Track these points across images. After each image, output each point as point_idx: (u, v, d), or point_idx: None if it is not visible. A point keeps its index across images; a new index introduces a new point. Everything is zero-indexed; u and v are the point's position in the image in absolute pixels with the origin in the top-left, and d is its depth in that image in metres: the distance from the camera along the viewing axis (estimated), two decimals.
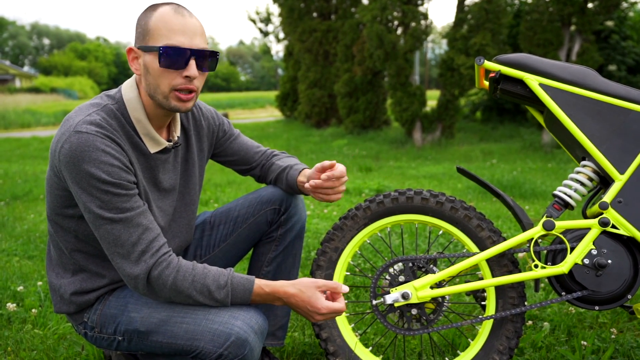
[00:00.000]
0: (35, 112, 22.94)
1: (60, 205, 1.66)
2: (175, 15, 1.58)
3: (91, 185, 1.51)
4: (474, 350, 1.98)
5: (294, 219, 2.04)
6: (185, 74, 1.58)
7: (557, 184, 6.32)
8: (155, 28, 1.57)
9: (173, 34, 1.56)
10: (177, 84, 1.60)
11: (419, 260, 1.97)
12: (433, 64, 49.20)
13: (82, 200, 1.54)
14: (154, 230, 1.59)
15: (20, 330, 2.46)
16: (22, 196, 6.11)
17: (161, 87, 1.60)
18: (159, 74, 1.58)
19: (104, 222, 1.54)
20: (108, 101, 1.64)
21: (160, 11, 1.58)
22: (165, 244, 1.61)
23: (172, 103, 1.62)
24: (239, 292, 1.60)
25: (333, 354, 2.01)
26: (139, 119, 1.65)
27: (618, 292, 1.84)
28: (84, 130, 1.51)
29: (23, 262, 3.57)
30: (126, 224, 1.54)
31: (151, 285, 1.57)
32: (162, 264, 1.56)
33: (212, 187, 6.39)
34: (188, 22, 1.59)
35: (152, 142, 1.69)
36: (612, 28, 12.31)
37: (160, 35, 1.56)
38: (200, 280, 1.58)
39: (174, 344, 1.62)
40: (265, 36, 32.56)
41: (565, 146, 2.02)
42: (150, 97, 1.64)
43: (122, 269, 1.57)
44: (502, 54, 7.03)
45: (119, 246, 1.55)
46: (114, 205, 1.53)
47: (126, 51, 1.65)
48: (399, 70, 11.00)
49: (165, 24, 1.57)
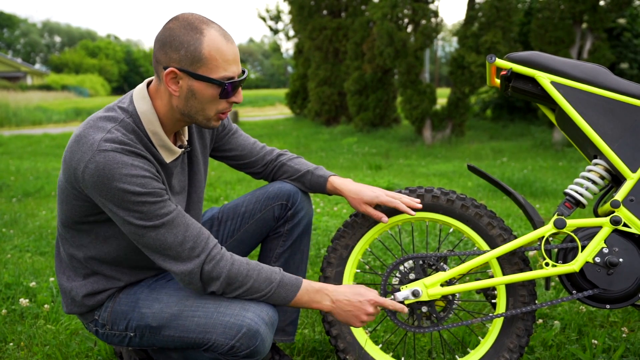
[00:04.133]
0: (47, 110, 23.08)
1: (80, 214, 1.65)
2: (227, 44, 1.58)
3: (126, 200, 1.51)
4: (484, 348, 1.98)
5: (300, 214, 2.05)
6: (234, 100, 1.64)
7: (568, 182, 6.29)
8: (210, 58, 1.55)
9: (228, 65, 1.58)
10: (223, 108, 1.65)
11: (430, 258, 1.97)
12: (443, 61, 49.03)
13: (120, 215, 1.54)
14: (195, 226, 1.61)
15: (33, 326, 2.48)
16: (34, 193, 6.16)
17: (207, 112, 1.63)
18: (210, 101, 1.60)
19: (147, 230, 1.55)
20: (123, 115, 1.61)
21: (212, 38, 1.55)
22: (211, 236, 1.63)
23: (211, 124, 1.67)
24: (288, 287, 1.66)
25: (343, 351, 2.02)
26: (154, 131, 1.64)
27: (629, 291, 1.83)
28: (109, 149, 1.50)
29: (35, 258, 3.60)
30: (169, 227, 1.56)
31: (204, 279, 1.60)
32: (216, 257, 1.59)
33: (222, 184, 6.41)
34: (235, 50, 1.61)
35: (168, 152, 1.69)
36: (624, 26, 12.22)
37: (217, 67, 1.56)
38: (254, 273, 1.62)
39: (186, 338, 1.63)
40: (275, 34, 32.62)
41: (577, 144, 2.01)
42: (184, 115, 1.64)
43: (175, 269, 1.59)
44: (513, 51, 6.98)
45: (167, 249, 1.57)
46: (153, 214, 1.54)
47: (165, 73, 1.57)
48: (409, 68, 10.98)
49: (221, 54, 1.56)
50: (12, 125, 19.70)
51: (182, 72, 1.56)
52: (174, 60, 1.55)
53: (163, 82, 1.60)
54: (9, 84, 34.19)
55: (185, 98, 1.60)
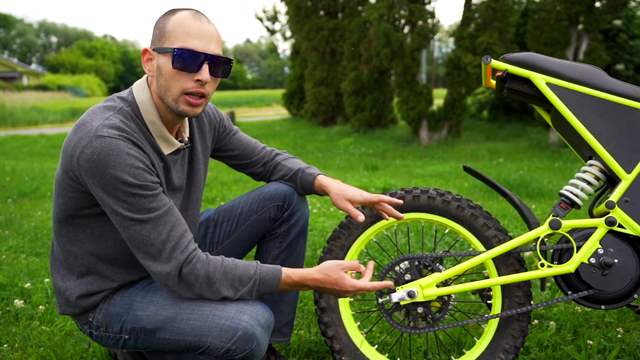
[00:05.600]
0: (43, 110, 23.02)
1: (76, 207, 1.65)
2: (193, 20, 1.59)
3: (117, 189, 1.51)
4: (479, 349, 1.98)
5: (297, 215, 2.05)
6: (197, 77, 1.59)
7: (564, 183, 6.30)
8: (172, 30, 1.58)
9: (189, 38, 1.57)
10: (188, 87, 1.60)
11: (425, 259, 1.97)
12: (440, 62, 49.08)
13: (109, 204, 1.54)
14: (181, 226, 1.60)
15: (28, 327, 2.47)
16: (30, 193, 6.14)
17: (172, 90, 1.60)
18: (172, 76, 1.59)
19: (133, 223, 1.54)
20: (122, 104, 1.63)
21: (178, 15, 1.60)
22: (192, 239, 1.62)
23: (180, 107, 1.62)
24: (268, 280, 1.64)
25: (339, 352, 2.02)
26: (152, 121, 1.65)
27: (624, 292, 1.84)
28: (106, 135, 1.51)
29: (30, 259, 3.59)
30: (155, 223, 1.55)
31: (182, 281, 1.59)
32: (193, 259, 1.58)
33: (219, 185, 6.40)
34: (205, 27, 1.60)
35: (166, 143, 1.69)
36: (620, 27, 12.25)
37: (177, 38, 1.57)
38: (231, 271, 1.61)
39: (181, 341, 1.63)
40: (272, 34, 32.56)
41: (572, 145, 2.02)
42: (160, 99, 1.64)
43: (153, 268, 1.57)
44: (509, 52, 7.00)
45: (149, 245, 1.56)
46: (142, 207, 1.54)
47: (141, 52, 1.66)
48: (405, 68, 10.99)
49: (183, 27, 1.58)
50: (8, 126, 19.64)
51: (153, 51, 1.62)
52: (151, 43, 1.64)
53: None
54: (5, 84, 34.15)
55: (156, 77, 1.63)
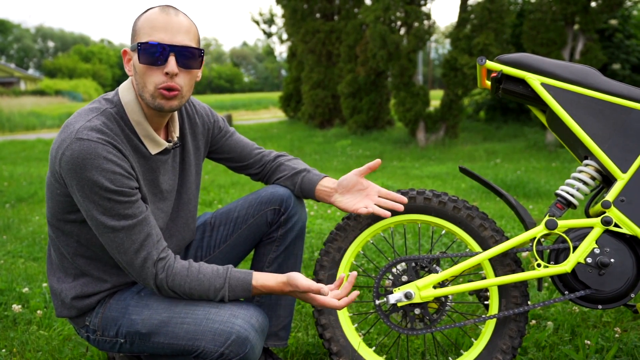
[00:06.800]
0: (40, 115, 22.97)
1: (62, 211, 1.66)
2: (159, 14, 1.58)
3: (94, 192, 1.52)
4: (477, 350, 1.98)
5: (294, 219, 2.04)
6: (165, 70, 1.57)
7: (561, 183, 6.31)
8: (140, 27, 1.59)
9: (154, 31, 1.57)
10: (159, 82, 1.58)
11: (422, 260, 1.97)
12: (436, 63, 49.15)
13: (85, 207, 1.55)
14: (155, 236, 1.61)
15: (26, 332, 2.47)
16: (27, 198, 6.14)
17: (147, 86, 1.60)
18: (144, 72, 1.59)
19: (107, 229, 1.56)
20: (107, 105, 1.64)
21: (148, 12, 1.61)
22: (165, 248, 1.64)
23: (157, 101, 1.60)
24: (238, 292, 1.66)
25: (336, 354, 2.01)
26: (138, 121, 1.66)
27: (621, 291, 1.84)
28: (85, 137, 1.51)
29: (28, 263, 3.59)
30: (128, 231, 1.56)
31: (160, 290, 1.65)
32: (161, 272, 1.61)
33: (216, 188, 6.40)
34: (172, 20, 1.58)
35: (153, 143, 1.69)
36: (616, 26, 12.28)
37: (144, 34, 1.57)
38: (196, 287, 1.64)
39: (175, 345, 1.63)
40: (269, 37, 32.59)
41: (568, 145, 2.02)
42: (140, 97, 1.65)
43: (132, 273, 1.63)
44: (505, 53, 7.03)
45: (123, 253, 1.58)
46: (116, 212, 1.54)
47: (122, 54, 1.67)
48: (402, 70, 11.00)
49: (149, 22, 1.58)
50: (6, 131, 19.60)
51: (130, 51, 1.64)
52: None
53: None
54: (2, 89, 34.14)
55: (134, 76, 1.64)
